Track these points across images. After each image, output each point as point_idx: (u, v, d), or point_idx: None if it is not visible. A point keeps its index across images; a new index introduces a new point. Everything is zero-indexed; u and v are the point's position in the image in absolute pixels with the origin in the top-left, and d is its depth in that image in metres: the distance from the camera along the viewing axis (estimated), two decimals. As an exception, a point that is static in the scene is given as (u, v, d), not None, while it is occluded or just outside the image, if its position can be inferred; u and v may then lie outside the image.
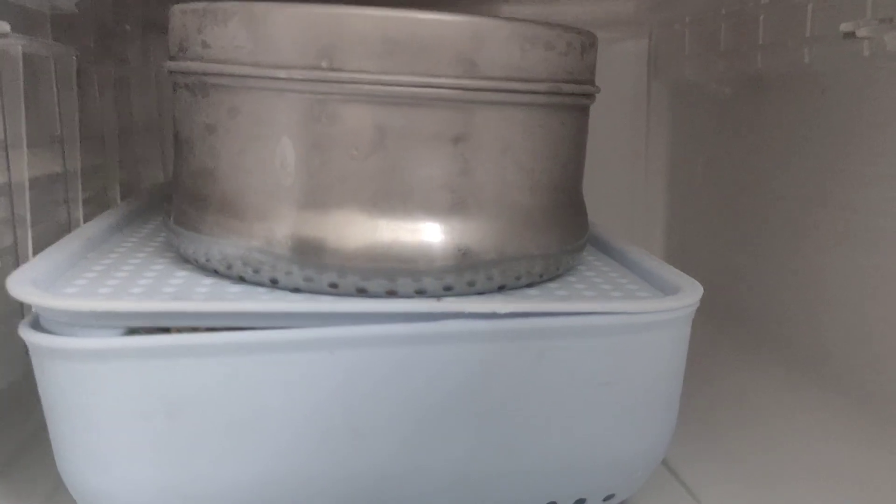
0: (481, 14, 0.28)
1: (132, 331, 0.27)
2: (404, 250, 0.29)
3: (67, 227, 0.39)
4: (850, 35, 0.33)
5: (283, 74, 0.28)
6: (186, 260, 0.33)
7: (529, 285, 0.32)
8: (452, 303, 0.29)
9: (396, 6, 0.27)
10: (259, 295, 0.29)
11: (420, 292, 0.29)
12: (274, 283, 0.30)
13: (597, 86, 0.33)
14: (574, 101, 0.31)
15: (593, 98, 0.33)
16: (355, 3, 0.28)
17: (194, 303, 0.28)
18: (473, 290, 0.30)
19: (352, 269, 0.29)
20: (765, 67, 0.45)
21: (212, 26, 0.29)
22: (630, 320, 0.29)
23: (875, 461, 0.37)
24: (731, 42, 0.49)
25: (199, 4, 0.29)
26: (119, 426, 0.27)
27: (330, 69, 0.27)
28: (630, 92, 0.67)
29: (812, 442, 0.40)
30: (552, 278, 0.33)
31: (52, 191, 0.37)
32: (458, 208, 0.29)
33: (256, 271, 0.30)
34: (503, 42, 0.28)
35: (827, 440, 0.40)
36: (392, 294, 0.29)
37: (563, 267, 0.33)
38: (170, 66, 0.31)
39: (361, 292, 0.29)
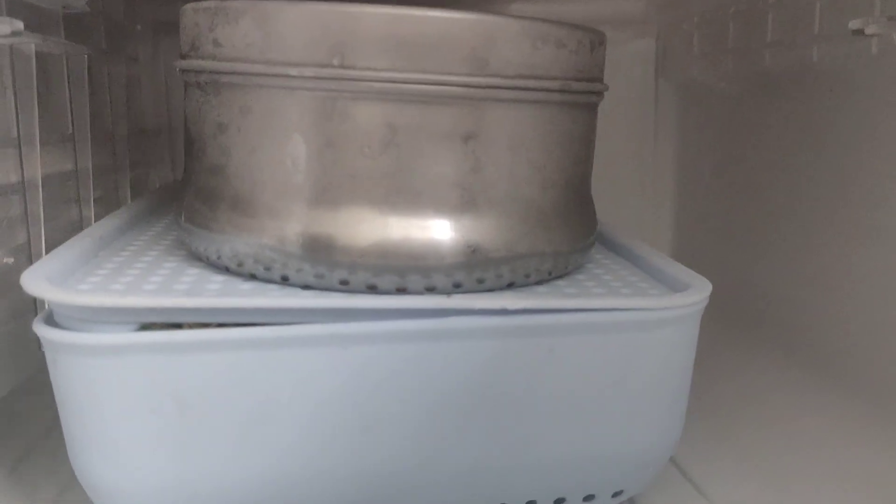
0: (490, 12, 0.29)
1: (145, 326, 0.28)
2: (414, 247, 0.29)
3: (79, 225, 0.40)
4: (859, 32, 0.33)
5: (295, 72, 0.28)
6: (198, 257, 0.33)
7: (539, 283, 0.32)
8: (462, 299, 0.29)
9: (404, 4, 0.28)
10: (270, 292, 0.29)
11: (430, 289, 0.29)
12: (285, 280, 0.30)
13: (605, 84, 0.33)
14: (584, 99, 0.31)
15: (602, 96, 0.33)
16: (366, 2, 0.28)
17: (207, 299, 0.28)
18: (483, 288, 0.30)
19: (362, 266, 0.29)
20: (773, 66, 0.45)
21: (223, 25, 0.29)
22: (639, 317, 0.30)
23: (887, 461, 0.37)
24: (740, 40, 0.49)
25: (211, 3, 0.30)
26: (131, 421, 0.28)
27: (341, 67, 0.27)
28: (638, 91, 0.67)
29: (822, 441, 0.39)
30: (561, 276, 0.33)
31: (64, 189, 0.38)
32: (469, 205, 0.29)
33: (268, 268, 0.30)
34: (514, 40, 0.28)
35: (838, 440, 0.40)
36: (402, 291, 0.29)
37: (573, 265, 0.33)
38: (181, 65, 0.32)
39: (372, 289, 0.29)
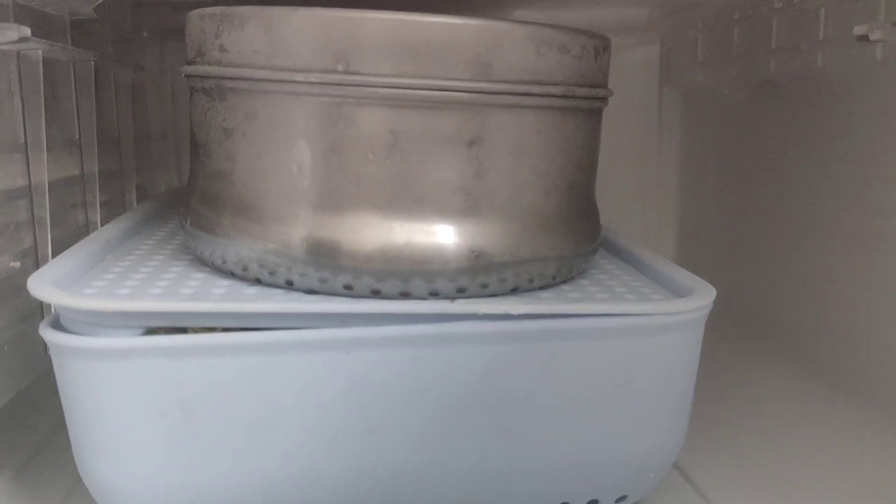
0: (494, 18, 0.29)
1: (150, 331, 0.28)
2: (418, 252, 0.29)
3: (85, 230, 0.40)
4: (864, 38, 0.33)
5: (300, 78, 0.28)
6: (203, 262, 0.33)
7: (542, 288, 0.32)
8: (466, 304, 0.29)
9: (408, 10, 0.28)
10: (275, 296, 0.30)
11: (433, 294, 0.29)
12: (289, 285, 0.30)
13: (609, 89, 0.33)
14: (588, 105, 0.32)
15: (606, 101, 0.33)
16: (369, 8, 0.28)
17: (213, 303, 0.28)
18: (486, 292, 0.30)
19: (366, 271, 0.29)
20: (778, 72, 0.45)
21: (229, 31, 0.29)
22: (643, 322, 0.30)
23: (893, 469, 0.37)
24: (744, 47, 0.49)
25: (217, 9, 0.30)
26: (137, 424, 0.28)
27: (346, 73, 0.28)
28: (641, 98, 0.67)
29: (826, 448, 0.39)
30: (565, 281, 0.33)
31: (71, 194, 0.38)
32: (472, 211, 0.29)
33: (272, 273, 0.30)
34: (518, 45, 0.28)
35: (842, 446, 0.39)
36: (406, 295, 0.29)
37: (576, 270, 0.33)
38: (187, 71, 0.32)
39: (376, 294, 0.29)
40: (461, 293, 0.30)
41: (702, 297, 0.31)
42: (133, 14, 0.46)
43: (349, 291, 0.29)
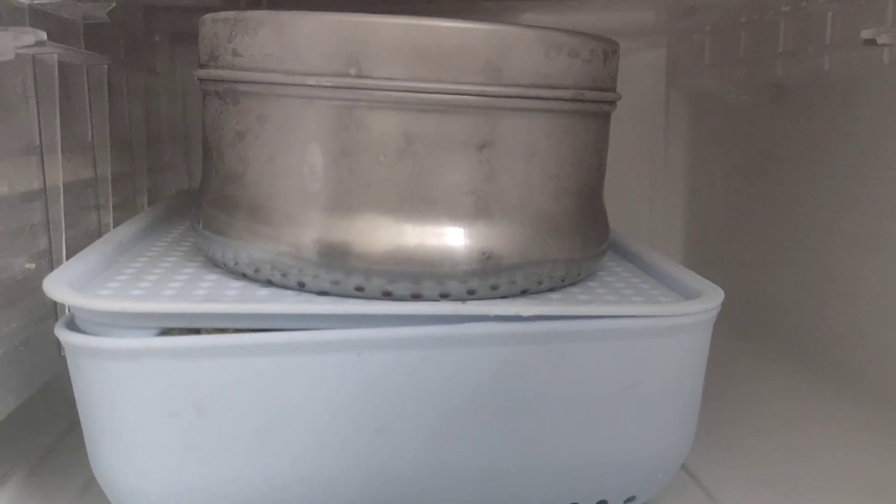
0: (505, 22, 0.29)
1: (164, 331, 0.28)
2: (429, 254, 0.29)
3: (98, 232, 0.40)
4: (871, 42, 0.33)
5: (313, 82, 0.28)
6: (215, 264, 0.34)
7: (551, 290, 0.32)
8: (477, 306, 0.29)
9: (421, 15, 0.28)
10: (287, 298, 0.30)
11: (444, 295, 0.30)
12: (301, 287, 0.30)
13: (618, 93, 0.33)
14: (597, 108, 0.32)
15: (615, 105, 0.33)
16: (382, 12, 0.28)
17: (226, 304, 0.28)
18: (496, 294, 0.30)
19: (378, 273, 0.29)
20: (784, 75, 0.45)
21: (242, 35, 0.30)
22: (653, 324, 0.30)
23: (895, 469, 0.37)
24: (751, 50, 0.49)
25: (230, 13, 0.30)
26: (151, 424, 0.28)
27: (358, 76, 0.28)
28: (648, 101, 0.67)
29: (834, 449, 0.39)
30: (574, 283, 0.34)
31: (84, 196, 0.38)
32: (483, 213, 0.30)
33: (284, 275, 0.30)
34: (529, 49, 0.29)
35: (849, 447, 0.40)
36: (417, 297, 0.30)
37: (585, 272, 0.33)
38: (200, 74, 0.32)
39: (387, 295, 0.30)
40: (471, 295, 0.30)
41: (710, 299, 0.31)
42: (145, 18, 0.46)
43: (360, 293, 0.30)
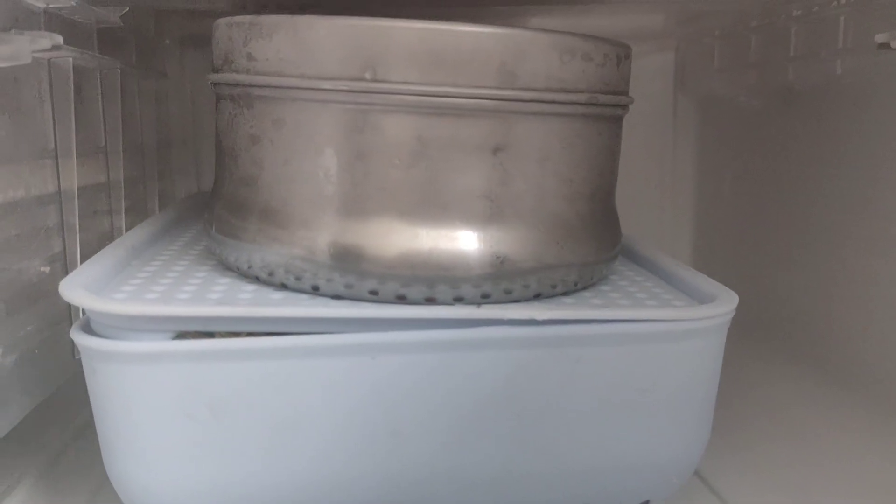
0: (518, 26, 0.29)
1: (179, 335, 0.28)
2: (443, 258, 0.29)
3: (110, 236, 0.40)
4: (885, 46, 0.33)
5: (328, 86, 0.28)
6: (228, 267, 0.34)
7: (565, 293, 0.32)
8: (492, 310, 0.29)
9: (434, 19, 0.28)
10: (301, 301, 0.30)
11: (458, 299, 0.30)
12: (315, 290, 0.30)
13: (631, 96, 0.33)
14: (610, 112, 0.32)
15: (627, 109, 0.33)
16: (396, 17, 0.28)
17: (242, 308, 0.28)
18: (510, 298, 0.30)
19: (392, 277, 0.29)
20: (796, 79, 0.45)
21: (257, 39, 0.30)
22: (667, 328, 0.30)
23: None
24: (762, 55, 0.49)
25: (245, 18, 0.30)
26: (166, 427, 0.28)
27: (373, 80, 0.28)
28: (657, 104, 0.67)
29: (847, 454, 0.39)
30: (586, 287, 0.34)
31: (96, 200, 0.38)
32: (497, 217, 0.30)
33: (298, 278, 0.30)
34: (543, 54, 0.29)
35: (861, 452, 0.39)
36: (431, 301, 0.30)
37: (598, 276, 0.33)
38: (214, 79, 0.32)
39: (401, 299, 0.30)
40: (485, 299, 0.30)
41: (725, 304, 0.31)
42: (155, 22, 0.46)
43: (374, 297, 0.30)
